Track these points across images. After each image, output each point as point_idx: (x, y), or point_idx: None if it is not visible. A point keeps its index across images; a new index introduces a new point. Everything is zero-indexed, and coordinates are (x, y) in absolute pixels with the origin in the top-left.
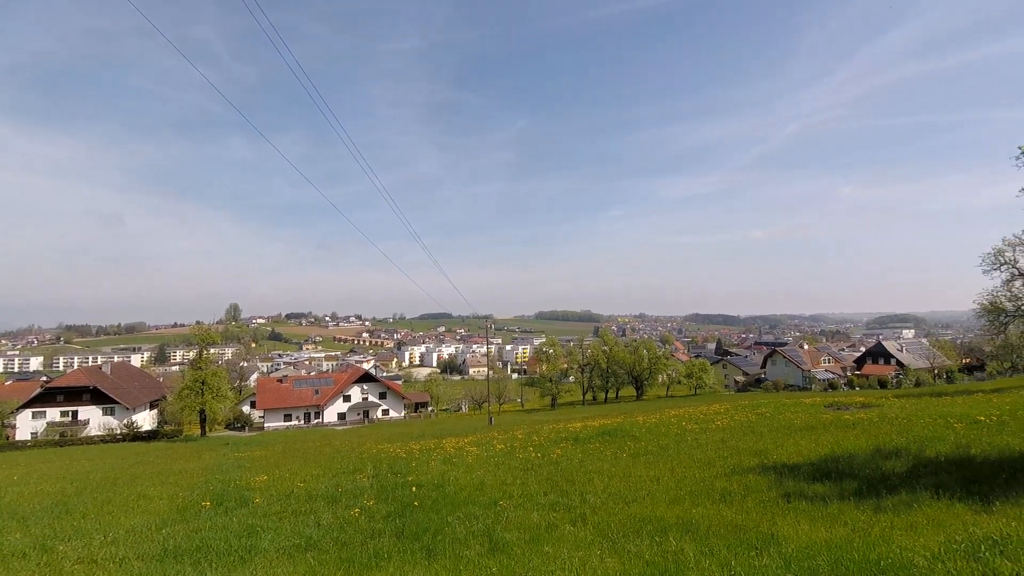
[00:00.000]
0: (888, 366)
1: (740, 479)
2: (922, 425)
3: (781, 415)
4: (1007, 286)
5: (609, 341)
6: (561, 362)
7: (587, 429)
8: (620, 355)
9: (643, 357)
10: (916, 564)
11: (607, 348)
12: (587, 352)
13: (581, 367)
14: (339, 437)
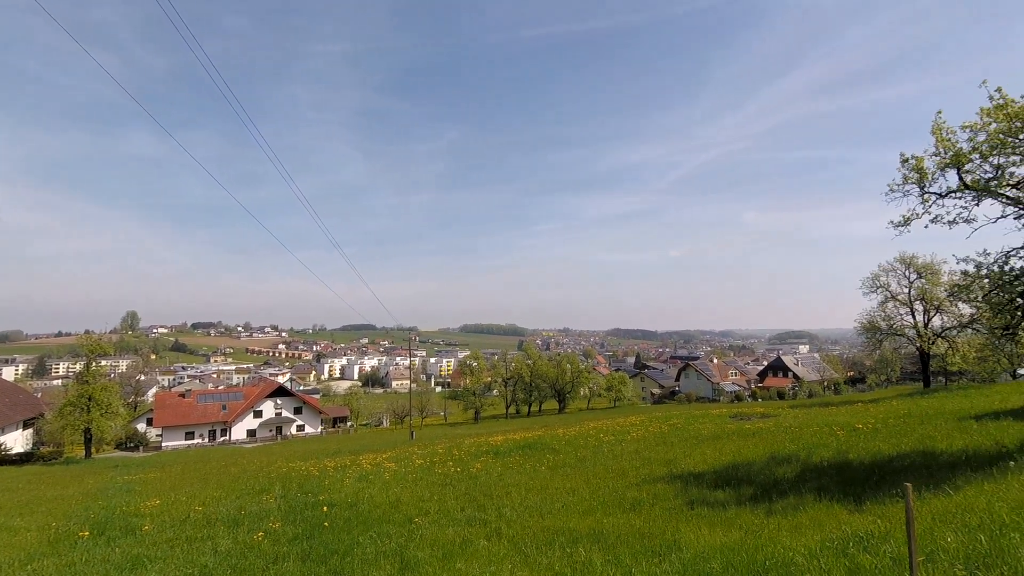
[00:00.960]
0: (786, 379)
1: (650, 488)
2: (811, 433)
3: (691, 426)
4: (882, 307)
5: (533, 355)
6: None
7: (508, 442)
8: (544, 369)
9: (566, 371)
10: (795, 562)
11: (531, 362)
12: (511, 366)
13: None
14: (247, 455)
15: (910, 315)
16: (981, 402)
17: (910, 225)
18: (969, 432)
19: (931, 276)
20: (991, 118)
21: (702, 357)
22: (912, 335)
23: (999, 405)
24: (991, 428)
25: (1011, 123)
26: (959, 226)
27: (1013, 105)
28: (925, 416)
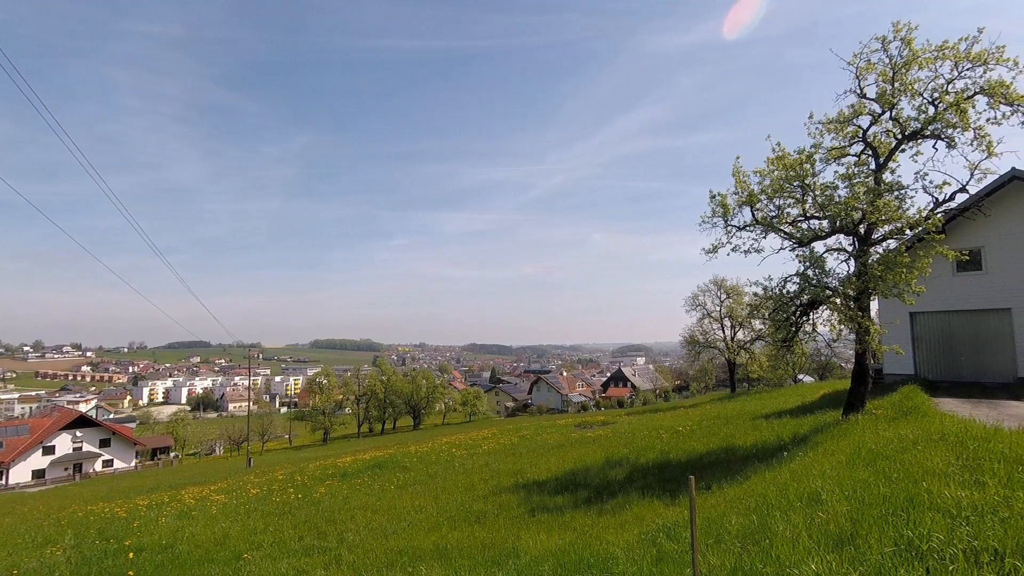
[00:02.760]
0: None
1: (496, 499)
2: (641, 437)
3: (539, 436)
4: (700, 323)
5: (388, 371)
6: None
7: (357, 463)
8: (398, 385)
9: (421, 386)
10: (615, 556)
11: (385, 378)
12: (364, 382)
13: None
14: (32, 501)
15: (721, 330)
16: (770, 404)
17: (718, 252)
18: (760, 429)
19: (736, 296)
20: (774, 167)
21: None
22: (722, 347)
23: (782, 406)
24: (775, 425)
25: (787, 172)
26: (752, 255)
27: (788, 157)
28: (730, 418)
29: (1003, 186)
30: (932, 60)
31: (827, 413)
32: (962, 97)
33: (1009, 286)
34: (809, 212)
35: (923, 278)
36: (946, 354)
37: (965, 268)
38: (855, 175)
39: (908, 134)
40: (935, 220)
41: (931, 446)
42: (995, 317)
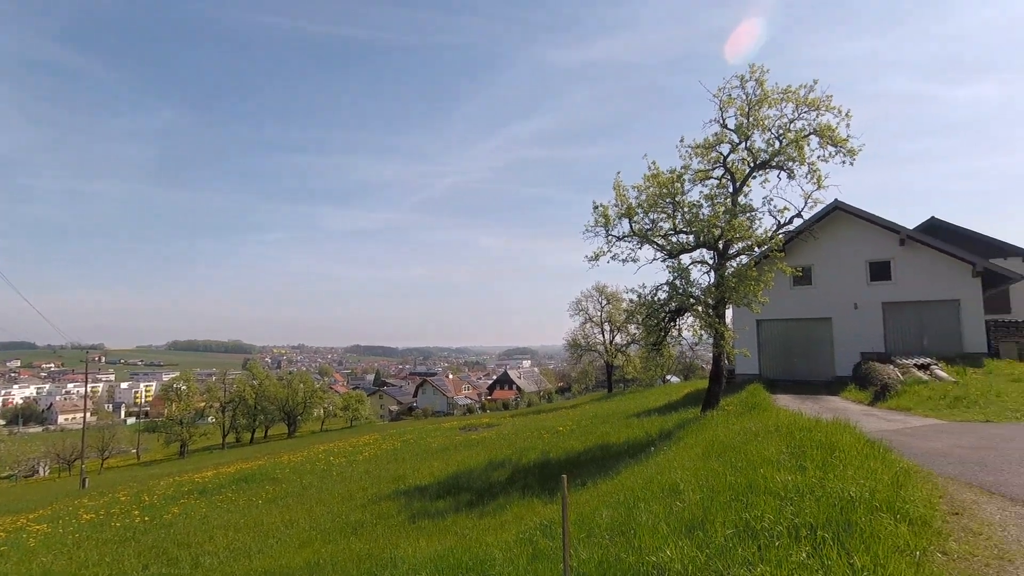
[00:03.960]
0: (511, 391)
1: (376, 508)
2: (524, 438)
3: (423, 440)
4: (582, 327)
5: (259, 374)
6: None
7: (220, 477)
8: (272, 389)
9: (298, 391)
10: (493, 558)
11: (257, 382)
12: (232, 387)
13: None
14: None
15: (601, 334)
16: (642, 403)
17: (599, 260)
18: (632, 427)
19: (615, 302)
20: (649, 183)
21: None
22: (602, 350)
23: (652, 404)
24: (645, 423)
25: (661, 189)
26: (630, 264)
27: (662, 176)
28: (606, 417)
29: (828, 214)
30: (779, 101)
31: (689, 410)
32: (800, 135)
33: (830, 299)
34: (678, 227)
35: (767, 290)
36: (784, 356)
37: (799, 283)
38: (716, 196)
39: (759, 163)
40: (777, 240)
41: (768, 437)
42: (821, 325)
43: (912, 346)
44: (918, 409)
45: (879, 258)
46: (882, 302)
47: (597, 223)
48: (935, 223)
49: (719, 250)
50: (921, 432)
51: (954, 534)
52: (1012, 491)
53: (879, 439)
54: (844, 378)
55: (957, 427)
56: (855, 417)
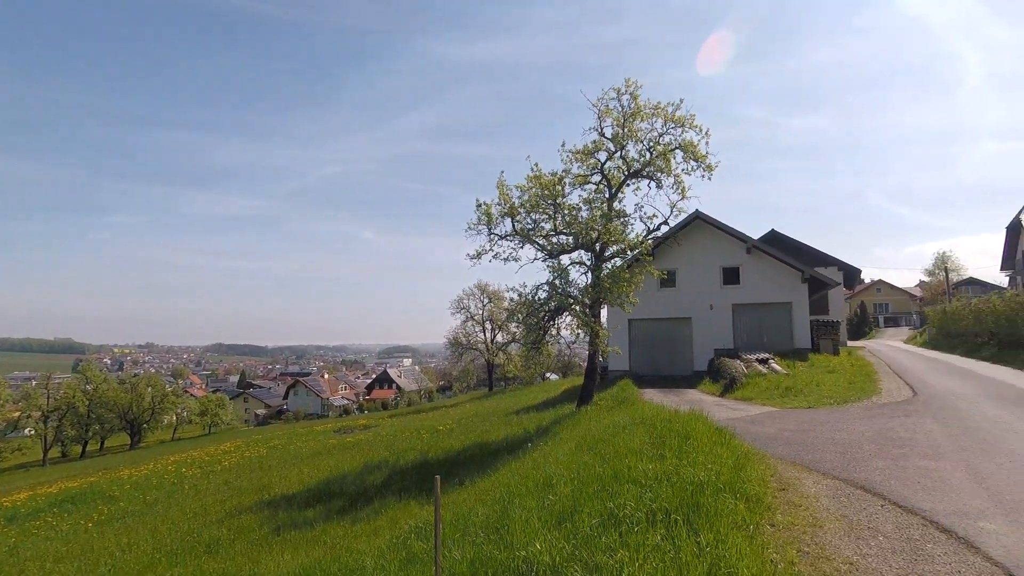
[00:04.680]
0: (390, 390)
1: (235, 522)
2: (403, 439)
3: (293, 445)
4: (463, 325)
5: (95, 377)
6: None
7: (37, 499)
8: (111, 395)
9: (144, 395)
10: (365, 565)
11: (91, 387)
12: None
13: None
14: None
15: (482, 332)
16: (522, 400)
17: (481, 258)
18: (511, 424)
19: (497, 301)
20: (532, 184)
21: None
22: (483, 348)
23: (531, 401)
24: (523, 420)
25: (543, 190)
26: (511, 263)
27: (544, 178)
28: (486, 415)
29: (690, 223)
30: (650, 115)
31: (566, 406)
32: (667, 149)
33: (691, 300)
34: (559, 228)
35: (638, 291)
36: (651, 353)
37: (665, 285)
38: (594, 200)
39: (632, 172)
40: (647, 245)
41: (634, 429)
42: (683, 324)
43: (755, 343)
44: (758, 398)
45: (731, 264)
46: (732, 304)
47: (480, 221)
48: (775, 235)
49: (596, 252)
50: (759, 419)
51: (780, 507)
52: (825, 467)
53: (726, 427)
54: (701, 372)
55: (786, 413)
56: (708, 407)
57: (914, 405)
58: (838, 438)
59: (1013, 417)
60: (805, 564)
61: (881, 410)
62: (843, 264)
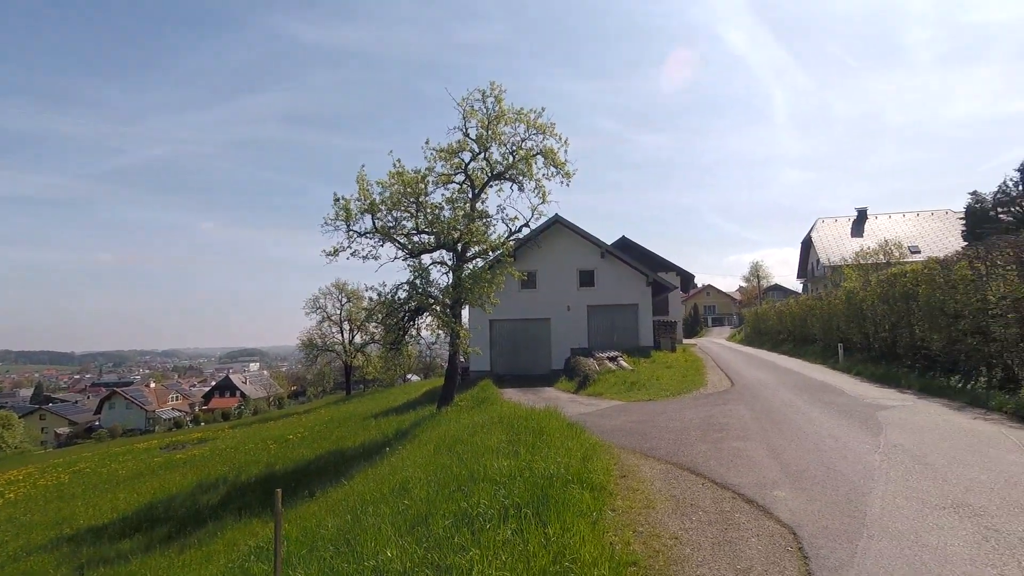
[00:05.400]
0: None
1: (20, 567)
2: (246, 451)
3: (106, 468)
4: (319, 326)
5: None
6: None
7: None
8: None
9: None
10: None
11: None
12: None
13: None
14: None
15: (340, 333)
16: (382, 403)
17: (338, 255)
18: (369, 429)
19: (356, 300)
20: (394, 181)
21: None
22: (340, 350)
23: (391, 404)
24: (382, 423)
25: (405, 188)
26: (371, 261)
27: (407, 175)
28: (343, 420)
29: (550, 227)
30: (513, 120)
31: (426, 408)
32: (529, 154)
33: (550, 301)
34: (421, 227)
35: (499, 292)
36: (512, 353)
37: (526, 286)
38: (457, 200)
39: (495, 174)
40: (508, 246)
41: (493, 428)
42: (542, 325)
43: (607, 342)
44: (607, 393)
45: (586, 267)
46: (587, 305)
47: (338, 216)
48: (625, 241)
49: (458, 252)
50: (607, 412)
51: (621, 493)
52: (659, 453)
53: (578, 421)
54: (559, 371)
55: (631, 406)
56: (563, 404)
57: (731, 394)
58: (671, 426)
59: (801, 400)
60: (639, 543)
61: (706, 400)
62: (681, 270)
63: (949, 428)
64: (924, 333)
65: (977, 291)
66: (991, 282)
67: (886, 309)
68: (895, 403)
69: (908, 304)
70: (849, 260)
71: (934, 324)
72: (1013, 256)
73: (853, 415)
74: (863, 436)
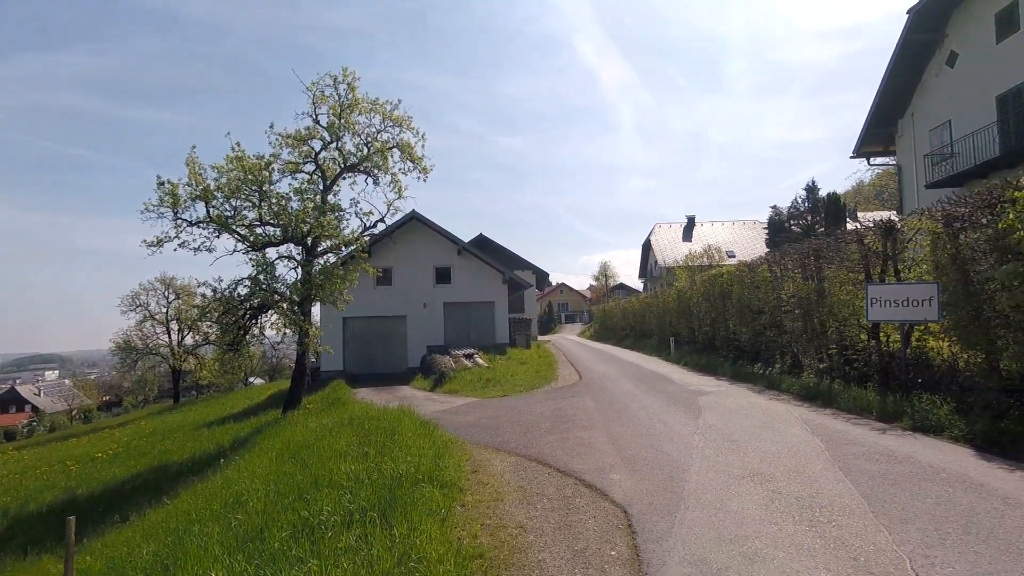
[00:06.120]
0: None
1: None
2: (38, 475)
3: None
4: (139, 326)
5: None
6: None
7: None
8: None
9: None
10: None
11: None
12: None
13: None
14: None
15: (167, 334)
16: (218, 410)
17: (163, 246)
18: (201, 440)
19: (187, 297)
20: (233, 166)
21: None
22: (167, 353)
23: (229, 410)
24: (217, 433)
25: (246, 174)
26: (204, 254)
27: (249, 160)
28: (169, 431)
29: (407, 222)
30: (368, 110)
31: (270, 413)
32: (385, 147)
33: (406, 299)
34: (265, 218)
35: (353, 289)
36: (367, 351)
37: (381, 283)
38: (307, 191)
39: (348, 165)
40: (362, 242)
41: (342, 430)
42: (398, 322)
43: (463, 339)
44: (463, 391)
45: (443, 264)
46: (444, 302)
47: (163, 203)
48: (483, 239)
49: (307, 246)
50: (462, 409)
51: (471, 488)
52: (509, 447)
53: (432, 419)
54: (415, 369)
55: (486, 403)
56: (419, 402)
57: (579, 387)
58: (523, 420)
59: (639, 390)
60: (486, 535)
61: (557, 393)
62: (536, 268)
63: (752, 408)
64: (736, 327)
65: (774, 290)
66: (784, 283)
67: (708, 306)
68: (712, 389)
69: (724, 302)
70: (681, 262)
71: (743, 319)
72: (798, 261)
73: (679, 401)
74: (686, 419)
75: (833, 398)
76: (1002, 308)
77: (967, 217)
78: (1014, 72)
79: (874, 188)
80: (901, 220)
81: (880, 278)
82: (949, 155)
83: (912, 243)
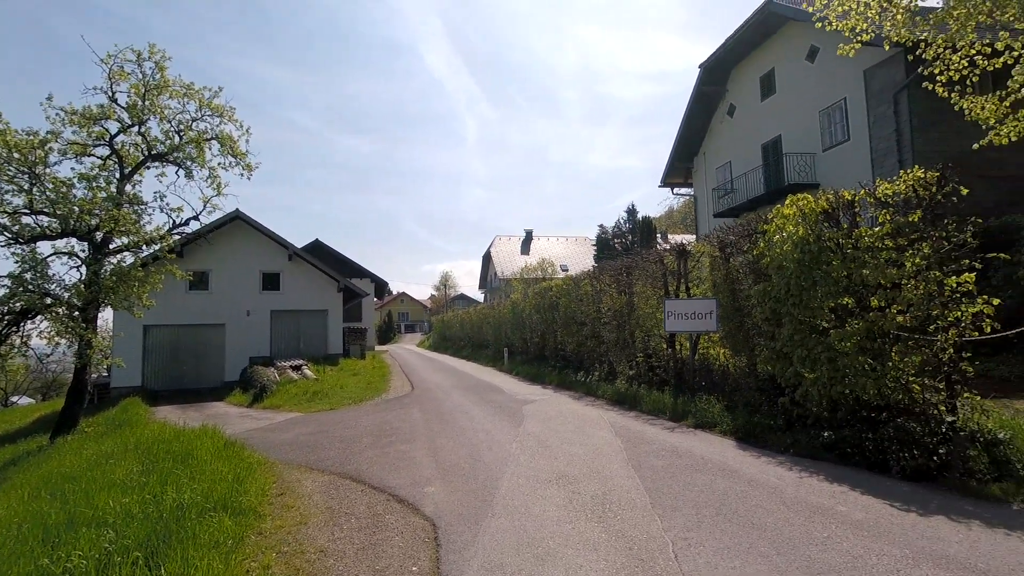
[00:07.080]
0: None
1: None
2: None
3: None
4: None
5: None
6: None
7: None
8: None
9: None
10: None
11: None
12: None
13: None
14: None
15: None
16: None
17: None
18: None
19: None
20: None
21: None
22: None
23: None
24: None
25: (12, 153)
26: None
27: (16, 136)
28: None
29: (230, 222)
30: (182, 94)
31: (35, 439)
32: (202, 137)
33: (226, 305)
34: (37, 206)
35: (156, 293)
36: (174, 364)
37: (196, 287)
38: (97, 178)
39: (154, 154)
40: (170, 241)
41: (124, 457)
42: (215, 331)
43: (292, 349)
44: (286, 405)
45: (271, 269)
46: (271, 310)
47: None
48: (319, 244)
49: (95, 242)
50: (282, 426)
51: (273, 513)
52: (325, 464)
53: (242, 438)
54: (232, 383)
55: (309, 417)
56: (231, 420)
57: (410, 399)
58: (345, 435)
59: (468, 401)
60: (280, 564)
61: (386, 405)
62: (375, 276)
63: (569, 414)
64: (563, 338)
65: (594, 303)
66: (603, 296)
67: (539, 318)
68: (538, 397)
69: (553, 314)
70: (519, 274)
71: (569, 330)
72: (613, 277)
73: (505, 410)
74: (508, 428)
75: (638, 401)
76: (756, 320)
77: (735, 244)
78: (772, 126)
79: (681, 214)
80: (691, 244)
81: (676, 294)
82: (730, 190)
83: (698, 264)
